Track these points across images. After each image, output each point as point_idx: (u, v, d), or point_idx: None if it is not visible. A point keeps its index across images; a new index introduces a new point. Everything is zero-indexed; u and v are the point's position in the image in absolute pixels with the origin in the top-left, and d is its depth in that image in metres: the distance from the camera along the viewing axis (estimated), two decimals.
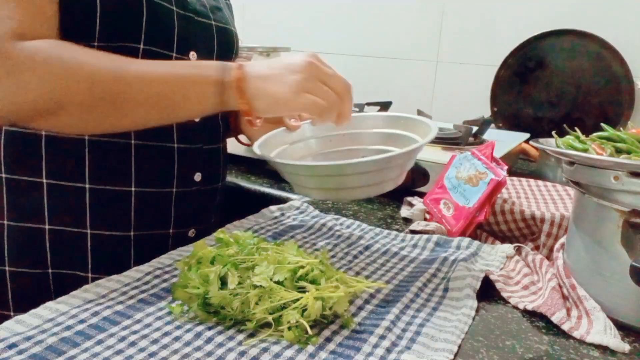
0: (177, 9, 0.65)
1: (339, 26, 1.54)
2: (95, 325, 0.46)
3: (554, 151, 0.61)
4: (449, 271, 0.60)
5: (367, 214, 0.84)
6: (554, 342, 0.50)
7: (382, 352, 0.45)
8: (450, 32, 1.39)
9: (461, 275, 0.58)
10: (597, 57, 1.20)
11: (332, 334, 0.47)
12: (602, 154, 0.59)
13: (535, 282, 0.60)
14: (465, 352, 0.47)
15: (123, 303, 0.50)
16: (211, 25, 0.71)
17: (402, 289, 0.56)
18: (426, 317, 0.51)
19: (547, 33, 1.24)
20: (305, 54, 0.57)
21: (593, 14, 1.21)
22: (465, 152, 0.79)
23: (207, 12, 0.71)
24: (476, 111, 1.28)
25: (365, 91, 1.46)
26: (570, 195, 0.80)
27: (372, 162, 0.54)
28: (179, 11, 0.65)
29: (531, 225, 0.71)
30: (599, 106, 1.22)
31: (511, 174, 0.91)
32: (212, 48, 0.71)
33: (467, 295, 0.55)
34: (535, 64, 1.27)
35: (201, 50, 0.68)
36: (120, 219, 0.65)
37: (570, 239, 0.60)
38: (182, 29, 0.65)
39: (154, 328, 0.47)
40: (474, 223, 0.71)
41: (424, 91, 1.44)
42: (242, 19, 1.70)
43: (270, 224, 0.74)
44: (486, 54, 1.34)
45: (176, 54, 0.65)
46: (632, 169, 0.49)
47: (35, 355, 0.42)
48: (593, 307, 0.53)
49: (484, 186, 0.70)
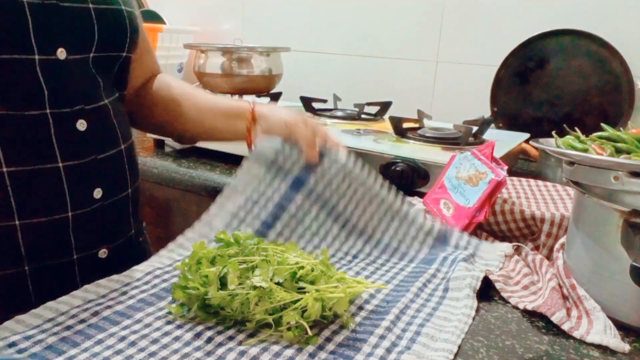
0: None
1: (339, 26, 1.53)
2: (95, 325, 0.46)
3: (554, 151, 0.61)
4: (448, 271, 0.60)
5: None
6: (554, 342, 0.50)
7: (382, 352, 0.45)
8: (450, 32, 1.39)
9: (461, 275, 0.58)
10: (597, 57, 1.20)
11: (332, 334, 0.47)
12: (602, 154, 0.59)
13: (535, 282, 0.60)
14: (465, 352, 0.47)
15: (123, 303, 0.50)
16: (87, 10, 0.60)
17: (401, 289, 0.56)
18: (426, 317, 0.51)
19: (547, 33, 1.24)
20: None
21: (593, 14, 1.21)
22: (465, 152, 0.79)
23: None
24: (476, 111, 1.28)
25: (365, 91, 1.47)
26: (570, 195, 0.80)
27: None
28: (32, 1, 0.54)
29: (531, 225, 0.71)
30: (599, 106, 1.22)
31: (511, 174, 0.91)
32: (91, 38, 0.61)
33: (467, 295, 0.55)
34: (535, 64, 1.27)
35: (73, 44, 0.58)
36: (7, 256, 0.56)
37: (570, 239, 0.60)
38: (40, 23, 0.54)
39: (154, 328, 0.47)
40: (474, 223, 0.71)
41: (424, 91, 1.44)
42: (242, 19, 1.70)
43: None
44: (486, 54, 1.34)
45: (39, 55, 0.54)
46: (632, 169, 0.49)
47: (35, 354, 0.42)
48: (593, 307, 0.53)
49: (484, 186, 0.70)
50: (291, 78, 1.43)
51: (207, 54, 1.28)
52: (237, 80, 1.27)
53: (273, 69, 1.31)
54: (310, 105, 1.26)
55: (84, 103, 0.60)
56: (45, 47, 0.55)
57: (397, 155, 0.89)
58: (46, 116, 0.56)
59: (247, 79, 1.27)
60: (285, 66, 1.37)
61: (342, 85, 1.50)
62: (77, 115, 0.59)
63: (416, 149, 0.94)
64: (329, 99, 1.35)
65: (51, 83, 0.56)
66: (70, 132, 0.58)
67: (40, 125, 0.56)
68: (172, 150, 1.17)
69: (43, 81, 0.55)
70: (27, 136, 0.55)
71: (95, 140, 0.61)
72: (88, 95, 0.61)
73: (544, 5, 1.26)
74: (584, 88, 1.23)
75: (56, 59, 0.56)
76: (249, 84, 1.28)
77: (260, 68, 1.28)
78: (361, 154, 0.92)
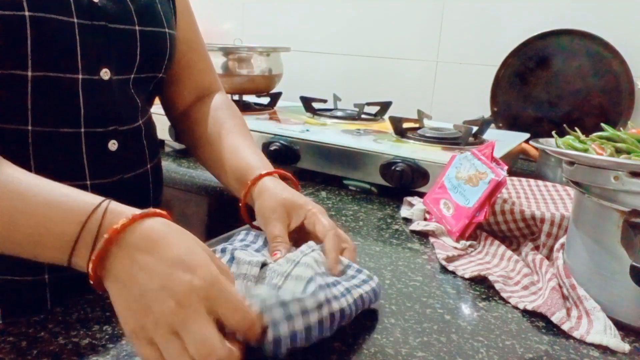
0: (79, 20, 0.53)
1: (339, 26, 1.53)
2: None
3: (554, 151, 0.61)
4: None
5: (367, 213, 0.84)
6: (554, 342, 0.50)
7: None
8: (450, 32, 1.39)
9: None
10: (597, 57, 1.20)
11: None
12: (602, 154, 0.59)
13: (535, 282, 0.60)
14: (465, 352, 0.47)
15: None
16: (134, 32, 0.60)
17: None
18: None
19: (547, 33, 1.24)
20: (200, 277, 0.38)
21: (593, 14, 1.21)
22: (465, 152, 0.79)
23: (129, 16, 0.59)
24: (476, 111, 1.28)
25: (365, 91, 1.47)
26: (570, 195, 0.80)
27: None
28: (83, 22, 0.54)
29: (531, 225, 0.71)
30: (599, 106, 1.22)
31: (511, 174, 0.91)
32: (134, 59, 0.61)
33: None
34: (535, 63, 1.27)
35: (117, 65, 0.59)
36: (28, 267, 0.56)
37: (570, 239, 0.60)
38: (88, 44, 0.54)
39: None
40: (474, 223, 0.71)
41: (424, 91, 1.44)
42: (242, 19, 1.70)
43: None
44: (486, 54, 1.34)
45: (82, 74, 0.54)
46: (632, 169, 0.49)
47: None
48: (593, 307, 0.53)
49: (484, 186, 0.70)
50: (291, 78, 1.43)
51: None
52: (237, 80, 1.27)
53: (273, 69, 1.31)
54: (310, 105, 1.26)
55: (119, 124, 0.60)
56: (90, 67, 0.55)
57: (397, 155, 0.89)
58: (79, 135, 0.56)
59: (247, 79, 1.27)
60: (285, 66, 1.37)
61: (342, 85, 1.50)
62: (110, 135, 0.59)
63: (416, 149, 0.94)
64: (329, 99, 1.35)
65: (90, 103, 0.56)
66: (102, 152, 0.58)
67: (72, 143, 0.56)
68: (172, 150, 1.17)
69: (82, 100, 0.55)
70: (58, 153, 0.55)
71: (125, 160, 0.61)
72: (124, 116, 0.61)
73: (544, 5, 1.26)
74: (584, 88, 1.23)
75: (99, 79, 0.57)
76: (249, 84, 1.28)
77: (260, 68, 1.28)
78: (361, 154, 0.92)
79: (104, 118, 0.58)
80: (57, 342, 0.45)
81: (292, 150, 0.99)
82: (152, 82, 0.67)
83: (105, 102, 0.58)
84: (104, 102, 0.58)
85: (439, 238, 0.73)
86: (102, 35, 0.56)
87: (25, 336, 0.46)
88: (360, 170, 0.93)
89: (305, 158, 0.98)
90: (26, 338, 0.45)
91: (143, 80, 0.64)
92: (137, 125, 0.64)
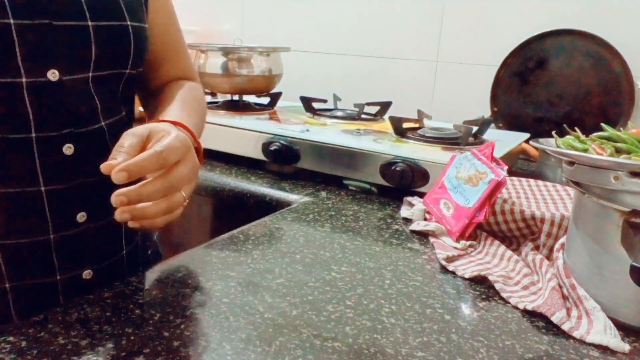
0: (16, 20, 0.50)
1: (339, 26, 1.53)
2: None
3: (554, 151, 0.61)
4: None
5: (367, 213, 0.84)
6: (554, 342, 0.50)
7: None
8: (450, 32, 1.39)
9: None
10: (597, 57, 1.20)
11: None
12: (602, 154, 0.59)
13: (535, 282, 0.60)
14: (465, 352, 0.47)
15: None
16: (86, 28, 0.56)
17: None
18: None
19: (547, 33, 1.24)
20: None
21: (593, 14, 1.21)
22: (465, 152, 0.79)
23: (79, 11, 0.55)
24: (476, 111, 1.28)
25: (365, 91, 1.47)
26: (570, 195, 0.80)
27: None
28: (21, 22, 0.50)
29: (531, 225, 0.71)
30: (599, 106, 1.22)
31: (511, 174, 0.91)
32: (88, 57, 0.57)
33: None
34: (535, 64, 1.27)
35: (67, 64, 0.55)
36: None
37: (570, 239, 0.60)
38: (29, 45, 0.51)
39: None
40: (474, 223, 0.71)
41: (424, 91, 1.44)
42: (242, 19, 1.70)
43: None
44: (486, 54, 1.34)
45: (26, 78, 0.51)
46: (632, 169, 0.49)
47: None
48: (593, 307, 0.53)
49: (484, 186, 0.70)
50: (291, 78, 1.43)
51: (207, 54, 1.28)
52: (237, 80, 1.27)
53: (273, 69, 1.31)
54: (310, 105, 1.26)
55: (74, 126, 0.57)
56: (35, 70, 0.52)
57: (397, 155, 0.89)
58: (30, 140, 0.54)
59: (247, 79, 1.27)
60: (285, 66, 1.37)
61: (342, 85, 1.50)
62: (64, 139, 0.56)
63: (416, 149, 0.94)
64: (329, 99, 1.35)
65: (39, 106, 0.53)
66: (56, 156, 0.56)
67: (23, 149, 0.53)
68: None
69: (29, 105, 0.52)
70: (10, 159, 0.53)
71: (84, 164, 0.58)
72: (80, 117, 0.58)
73: (544, 5, 1.26)
74: (584, 88, 1.23)
75: (47, 81, 0.53)
76: (249, 84, 1.28)
77: (260, 68, 1.28)
78: (361, 154, 0.92)
79: (57, 121, 0.55)
80: (57, 342, 0.45)
81: (292, 150, 0.99)
82: (121, 80, 0.63)
83: (56, 104, 0.55)
84: (55, 105, 0.54)
85: (439, 238, 0.73)
86: (46, 34, 0.52)
87: (25, 336, 0.46)
88: (360, 170, 0.93)
89: (305, 158, 0.98)
90: (26, 338, 0.45)
91: (105, 78, 0.60)
92: (98, 126, 0.60)
